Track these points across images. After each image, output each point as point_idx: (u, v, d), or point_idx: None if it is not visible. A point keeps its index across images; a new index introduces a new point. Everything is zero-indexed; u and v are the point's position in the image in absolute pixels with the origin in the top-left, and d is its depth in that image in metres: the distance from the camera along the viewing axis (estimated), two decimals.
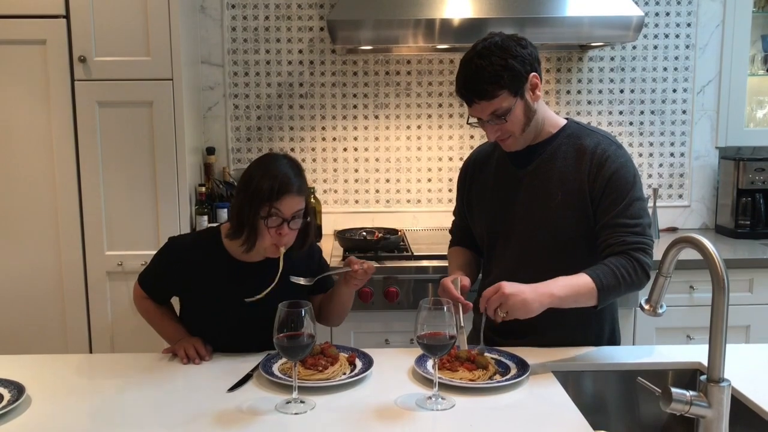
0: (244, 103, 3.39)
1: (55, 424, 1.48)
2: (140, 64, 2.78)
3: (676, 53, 3.43)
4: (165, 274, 2.02)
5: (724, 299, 1.31)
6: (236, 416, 1.51)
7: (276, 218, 1.84)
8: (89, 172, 2.82)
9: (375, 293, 2.78)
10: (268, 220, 1.84)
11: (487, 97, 1.79)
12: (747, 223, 3.34)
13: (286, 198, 1.82)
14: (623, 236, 1.79)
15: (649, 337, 2.90)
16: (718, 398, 1.30)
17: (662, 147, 3.50)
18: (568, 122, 1.95)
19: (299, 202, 1.86)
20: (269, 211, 1.82)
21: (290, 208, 1.84)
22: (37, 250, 2.84)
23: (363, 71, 3.39)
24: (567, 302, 1.73)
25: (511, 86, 1.78)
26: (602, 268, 1.76)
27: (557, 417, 1.50)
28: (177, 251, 2.01)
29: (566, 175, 1.87)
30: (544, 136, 1.92)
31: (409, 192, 3.49)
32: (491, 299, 1.67)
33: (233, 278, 1.95)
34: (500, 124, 1.83)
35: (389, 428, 1.45)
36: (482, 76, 1.77)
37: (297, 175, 1.88)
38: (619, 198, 1.81)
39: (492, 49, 1.78)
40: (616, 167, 1.83)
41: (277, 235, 1.85)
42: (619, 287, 1.75)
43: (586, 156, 1.86)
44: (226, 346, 1.93)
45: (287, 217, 1.85)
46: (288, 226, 1.85)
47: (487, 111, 1.81)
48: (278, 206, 1.83)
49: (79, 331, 2.88)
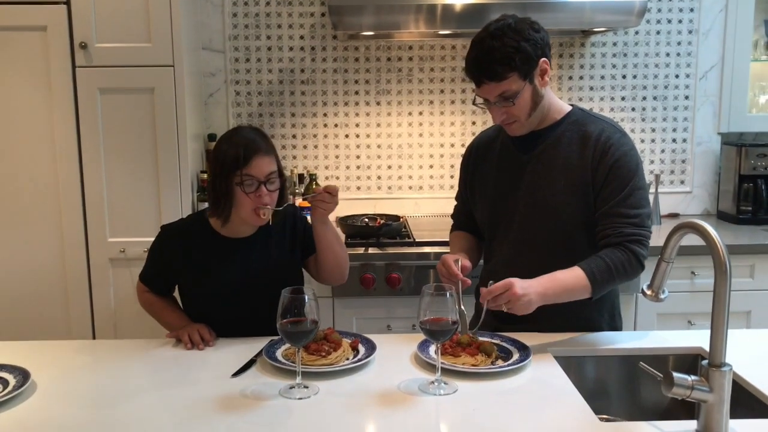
0: (246, 90, 3.38)
1: (60, 409, 1.49)
2: (141, 50, 2.77)
3: (679, 38, 3.41)
4: (161, 262, 2.05)
5: (726, 284, 1.32)
6: (240, 401, 1.52)
7: (251, 183, 1.89)
8: (91, 159, 2.82)
9: (377, 280, 2.79)
10: (243, 187, 1.88)
11: (497, 78, 1.78)
12: (749, 209, 3.34)
13: (255, 160, 1.88)
14: (621, 227, 1.79)
15: (651, 323, 2.91)
16: (720, 383, 1.31)
17: (664, 133, 3.49)
18: (573, 109, 1.94)
19: (269, 162, 1.92)
20: (242, 177, 1.88)
21: (261, 170, 1.90)
22: (40, 237, 2.85)
23: (364, 57, 3.38)
24: (560, 299, 1.76)
25: (522, 69, 1.78)
26: (597, 261, 1.77)
27: (559, 402, 1.51)
28: (168, 238, 2.05)
29: (570, 161, 1.87)
30: (549, 122, 1.91)
31: (411, 178, 3.49)
32: (500, 296, 1.67)
33: (224, 255, 1.99)
34: (507, 107, 1.83)
35: (392, 413, 1.46)
36: (494, 56, 1.76)
37: (263, 139, 1.95)
38: (620, 186, 1.81)
39: (505, 31, 1.77)
40: (620, 155, 1.83)
41: (257, 197, 1.89)
42: (613, 280, 1.78)
43: (590, 143, 1.85)
44: (229, 330, 1.94)
45: (261, 179, 1.90)
46: (266, 188, 1.90)
47: (495, 92, 1.81)
48: (249, 171, 1.88)
49: (83, 317, 2.89)
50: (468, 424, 1.42)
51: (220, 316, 1.97)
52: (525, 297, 1.67)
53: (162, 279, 2.07)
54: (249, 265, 1.99)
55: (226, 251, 2.00)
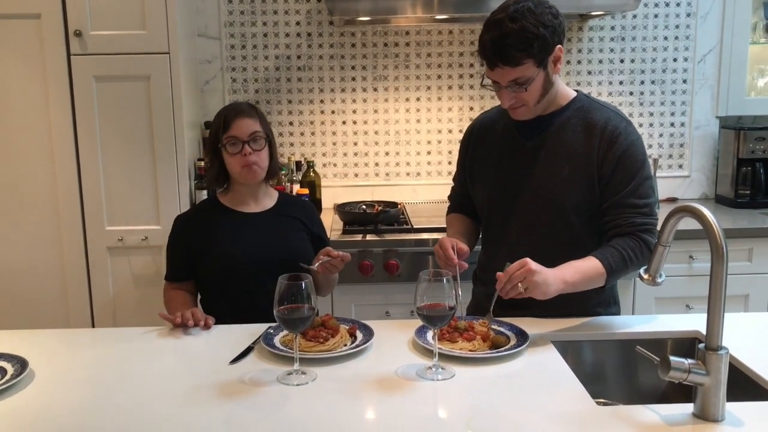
0: (242, 77, 3.37)
1: (58, 398, 1.49)
2: (136, 37, 2.75)
3: (677, 22, 3.40)
4: (180, 248, 2.14)
5: (722, 267, 1.31)
6: (238, 388, 1.52)
7: (234, 144, 2.01)
8: (87, 147, 2.81)
9: (375, 266, 2.79)
10: (227, 148, 2.00)
11: (512, 64, 1.73)
12: (747, 193, 3.34)
13: (236, 121, 2.01)
14: (632, 217, 1.79)
15: (649, 307, 2.91)
16: (716, 366, 1.31)
17: (662, 117, 3.48)
18: (578, 95, 1.92)
19: (252, 124, 2.02)
20: (225, 140, 2.00)
21: (243, 131, 2.01)
22: (37, 226, 2.84)
23: (361, 43, 3.36)
24: (578, 287, 1.75)
25: (538, 56, 1.74)
26: (610, 250, 1.76)
27: (556, 386, 1.51)
28: (182, 223, 2.17)
29: (575, 149, 1.85)
30: (554, 108, 1.89)
31: (409, 165, 3.48)
32: (516, 274, 1.64)
33: (236, 228, 2.10)
34: (518, 92, 1.79)
35: (390, 398, 1.46)
36: (512, 41, 1.71)
37: (248, 106, 2.08)
38: (628, 177, 1.80)
39: (525, 14, 1.71)
40: (627, 144, 1.81)
41: (241, 156, 2.00)
42: (626, 269, 1.77)
43: (596, 131, 1.84)
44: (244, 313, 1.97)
45: (244, 138, 2.00)
46: (249, 147, 2.00)
47: (508, 77, 1.77)
48: (232, 133, 2.00)
49: (82, 306, 2.90)
50: (465, 409, 1.42)
51: (236, 296, 2.06)
52: (541, 274, 1.64)
53: (184, 266, 2.14)
54: (262, 239, 2.09)
55: (238, 224, 2.10)
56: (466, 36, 3.37)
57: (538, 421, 1.35)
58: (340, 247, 2.75)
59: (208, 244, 2.09)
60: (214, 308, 2.08)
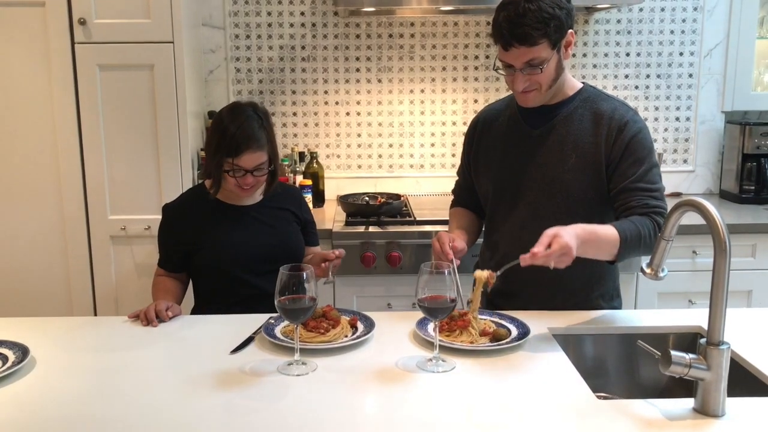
0: (246, 67, 3.36)
1: (59, 385, 1.49)
2: (141, 26, 2.75)
3: (684, 15, 3.38)
4: (170, 239, 2.12)
5: (725, 262, 1.31)
6: (239, 377, 1.52)
7: (239, 170, 1.99)
8: (91, 136, 2.81)
9: (378, 258, 2.79)
10: (232, 172, 1.99)
11: (529, 43, 1.72)
12: (752, 188, 3.33)
13: (245, 154, 1.97)
14: (645, 199, 1.78)
15: (651, 302, 2.91)
16: (717, 361, 1.31)
17: (668, 111, 3.47)
18: (584, 86, 1.92)
19: (260, 157, 2.00)
20: (231, 165, 1.97)
21: (250, 163, 1.99)
22: (40, 214, 2.85)
23: (366, 34, 3.35)
24: (590, 250, 1.67)
25: (553, 36, 1.73)
26: (628, 224, 1.73)
27: (557, 380, 1.51)
28: (171, 213, 2.14)
29: (582, 138, 1.85)
30: (561, 98, 1.89)
31: (412, 157, 3.47)
32: (552, 252, 1.56)
33: (225, 220, 2.09)
34: (532, 75, 1.78)
35: (390, 390, 1.46)
36: (529, 19, 1.70)
37: (260, 128, 2.01)
38: (638, 162, 1.80)
39: None
40: (636, 131, 1.81)
41: (241, 180, 2.00)
42: (639, 246, 1.72)
43: (603, 120, 1.84)
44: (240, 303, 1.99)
45: (249, 168, 1.99)
46: (252, 175, 2.00)
47: (523, 58, 1.75)
48: (239, 162, 1.97)
49: (84, 294, 2.90)
50: (465, 402, 1.42)
51: (225, 290, 2.05)
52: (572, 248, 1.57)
53: (174, 255, 2.13)
54: (252, 234, 2.08)
55: (226, 217, 2.09)
56: (471, 28, 3.36)
57: (538, 415, 1.35)
58: (343, 239, 2.76)
59: (198, 239, 2.07)
60: (206, 302, 2.11)
